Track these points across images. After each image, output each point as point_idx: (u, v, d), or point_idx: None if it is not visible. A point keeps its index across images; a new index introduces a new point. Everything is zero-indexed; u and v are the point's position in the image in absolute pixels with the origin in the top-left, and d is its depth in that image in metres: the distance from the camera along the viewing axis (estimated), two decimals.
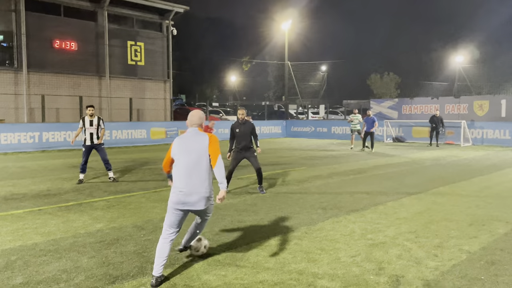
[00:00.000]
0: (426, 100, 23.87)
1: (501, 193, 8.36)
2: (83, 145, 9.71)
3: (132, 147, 19.31)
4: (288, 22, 30.01)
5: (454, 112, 21.74)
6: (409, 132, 22.42)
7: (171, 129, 22.00)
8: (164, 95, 25.78)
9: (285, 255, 4.84)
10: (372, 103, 27.12)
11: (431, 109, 22.58)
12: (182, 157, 4.19)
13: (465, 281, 4.12)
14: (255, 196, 8.24)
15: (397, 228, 5.93)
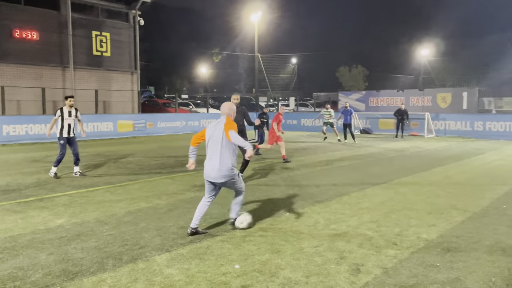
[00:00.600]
0: (392, 92, 24.44)
1: (460, 183, 8.68)
2: (60, 138, 9.27)
3: (98, 140, 18.85)
4: (258, 13, 29.91)
5: (419, 104, 22.37)
6: (376, 124, 22.91)
7: (139, 122, 21.62)
8: (132, 86, 25.26)
9: (250, 247, 4.86)
10: (341, 95, 27.53)
11: (397, 101, 23.14)
12: (208, 139, 5.20)
13: (422, 268, 4.26)
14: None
15: (360, 218, 6.07)
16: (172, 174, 9.84)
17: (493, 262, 4.39)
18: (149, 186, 8.51)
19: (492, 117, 20.29)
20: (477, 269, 4.22)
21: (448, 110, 21.50)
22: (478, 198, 7.20)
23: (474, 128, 19.56)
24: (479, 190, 7.92)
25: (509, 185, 8.36)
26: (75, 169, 9.66)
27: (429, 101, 22.24)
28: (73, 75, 22.52)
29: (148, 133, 21.71)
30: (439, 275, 4.08)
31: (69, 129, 9.33)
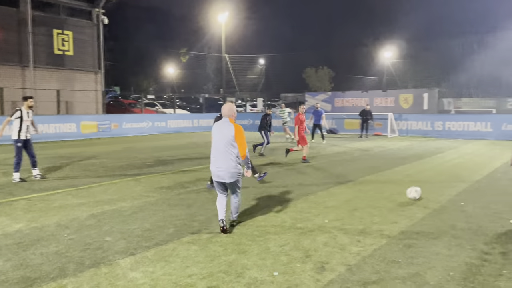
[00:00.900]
0: (357, 93, 24.98)
1: (421, 180, 8.98)
2: (17, 140, 8.84)
3: (60, 142, 18.26)
4: (225, 14, 29.85)
5: (382, 105, 22.98)
6: (341, 124, 23.35)
7: (104, 123, 21.09)
8: (96, 86, 24.61)
9: (216, 248, 4.85)
10: (307, 96, 27.88)
11: (362, 102, 23.67)
12: (214, 141, 5.34)
13: (384, 264, 4.38)
14: (190, 190, 8.15)
15: (325, 216, 6.17)
16: (137, 176, 9.66)
17: (451, 256, 4.57)
18: (114, 188, 8.32)
19: (451, 117, 21.12)
20: (436, 264, 4.38)
21: (410, 110, 22.20)
22: (438, 195, 7.47)
23: (435, 128, 20.30)
24: (439, 187, 8.22)
25: (467, 182, 8.73)
26: (34, 172, 9.29)
27: (392, 102, 22.90)
28: (33, 75, 21.69)
29: (113, 134, 21.22)
30: (400, 270, 4.21)
31: (27, 131, 8.99)
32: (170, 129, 24.44)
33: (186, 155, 13.64)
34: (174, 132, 24.38)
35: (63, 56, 23.17)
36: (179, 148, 16.07)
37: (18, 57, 21.35)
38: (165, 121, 24.55)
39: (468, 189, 8.07)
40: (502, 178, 9.18)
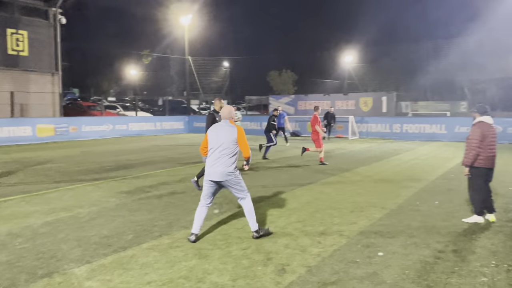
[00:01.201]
0: (319, 96, 25.44)
1: (379, 181, 9.25)
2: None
3: (14, 146, 17.46)
4: (188, 16, 29.60)
5: (343, 108, 23.50)
6: (305, 127, 23.67)
7: (61, 126, 20.35)
8: (52, 88, 23.71)
9: (177, 254, 4.78)
10: (271, 99, 28.10)
11: (324, 105, 24.11)
12: (215, 143, 5.17)
13: (343, 264, 4.47)
14: (151, 194, 8.00)
15: (287, 219, 6.22)
16: (96, 181, 9.37)
17: (406, 255, 4.72)
18: (70, 194, 8.03)
19: (408, 120, 21.90)
20: (392, 263, 4.51)
21: (369, 113, 22.83)
22: (395, 196, 7.72)
23: (393, 130, 20.97)
24: (396, 188, 8.49)
25: (422, 182, 9.06)
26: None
27: (353, 105, 23.47)
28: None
29: (72, 137, 20.52)
30: (358, 270, 4.31)
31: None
32: (131, 132, 23.92)
33: (148, 159, 13.39)
34: (136, 135, 23.88)
35: (18, 56, 22.19)
36: (140, 151, 15.75)
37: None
38: (126, 124, 24.01)
39: (423, 189, 8.38)
40: (455, 178, 9.59)
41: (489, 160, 5.87)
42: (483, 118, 5.97)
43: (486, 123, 5.92)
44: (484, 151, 5.84)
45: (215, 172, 5.12)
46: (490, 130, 5.88)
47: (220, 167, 5.10)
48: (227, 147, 5.13)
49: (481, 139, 5.82)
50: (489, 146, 5.84)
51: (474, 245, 5.04)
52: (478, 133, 5.84)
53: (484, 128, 5.87)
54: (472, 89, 44.85)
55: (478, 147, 5.83)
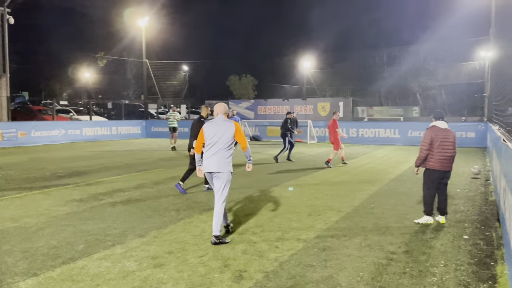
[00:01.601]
0: (279, 101, 25.70)
1: (336, 185, 9.43)
2: None
3: None
4: (145, 19, 29.06)
5: (302, 112, 23.85)
6: (264, 131, 23.83)
7: (9, 131, 19.29)
8: (0, 91, 22.49)
9: (130, 263, 4.62)
10: (231, 103, 28.04)
11: (283, 110, 24.37)
12: (212, 138, 5.35)
13: (300, 268, 4.49)
14: (105, 202, 7.72)
15: (245, 224, 6.19)
16: (45, 189, 8.94)
17: (361, 258, 4.82)
18: (18, 203, 7.61)
19: (364, 125, 22.55)
20: (348, 265, 4.58)
21: (327, 118, 23.29)
22: (351, 199, 7.89)
23: (350, 135, 21.49)
24: (352, 191, 8.69)
25: (377, 185, 9.32)
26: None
27: (311, 110, 23.88)
28: None
29: (20, 143, 19.51)
30: (314, 274, 4.34)
31: None
32: (85, 137, 23.09)
33: (102, 165, 12.95)
34: (90, 141, 23.07)
35: None
36: (95, 157, 15.22)
37: None
38: (80, 128, 23.14)
39: (377, 192, 8.62)
40: (407, 181, 9.95)
41: (440, 162, 6.14)
42: (436, 123, 6.30)
43: (438, 128, 6.22)
44: (435, 154, 6.13)
45: (211, 164, 5.35)
46: (441, 134, 6.16)
47: (218, 159, 5.33)
48: (225, 141, 5.35)
49: (430, 142, 6.15)
50: (440, 149, 6.12)
51: (425, 246, 5.22)
52: (428, 136, 6.19)
53: (434, 132, 6.17)
54: (423, 95, 46.92)
55: (426, 150, 6.17)
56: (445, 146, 6.14)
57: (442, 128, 6.23)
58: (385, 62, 42.20)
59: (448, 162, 6.19)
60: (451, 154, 6.16)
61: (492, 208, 7.16)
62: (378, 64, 42.35)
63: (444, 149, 6.14)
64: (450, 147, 6.16)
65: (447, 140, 6.15)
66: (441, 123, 6.28)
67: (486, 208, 7.22)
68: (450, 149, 6.15)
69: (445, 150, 6.14)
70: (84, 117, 28.91)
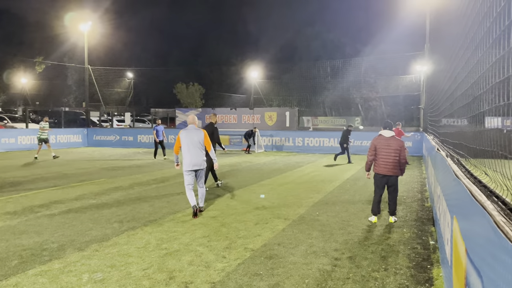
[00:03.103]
0: (226, 110, 25.72)
1: (283, 193, 9.56)
2: None
3: None
4: (88, 23, 28.04)
5: (249, 121, 24.03)
6: None
7: None
8: None
9: (69, 279, 4.38)
10: (178, 112, 27.68)
11: (231, 119, 24.43)
12: (187, 143, 7.07)
13: (247, 278, 4.48)
14: (41, 214, 7.28)
15: (192, 234, 6.10)
16: None
17: (307, 265, 4.90)
18: None
19: (309, 134, 23.12)
20: (294, 273, 4.64)
21: (274, 127, 23.66)
22: (297, 207, 8.03)
23: (296, 144, 21.97)
24: (298, 199, 8.85)
25: (322, 193, 9.57)
26: None
27: (258, 119, 24.13)
28: None
29: None
30: (261, 283, 4.35)
31: None
32: (21, 146, 21.71)
33: (39, 175, 12.23)
34: (27, 150, 21.72)
35: None
36: (31, 167, 14.34)
37: None
38: (15, 137, 21.74)
39: (322, 199, 8.84)
40: (350, 189, 10.31)
41: (382, 167, 6.76)
42: (382, 132, 6.95)
43: (382, 136, 6.87)
44: (379, 160, 6.80)
45: (195, 163, 7.07)
46: (384, 141, 6.78)
47: (198, 159, 7.10)
48: (198, 144, 7.10)
49: (374, 149, 6.82)
50: (382, 155, 6.74)
51: (367, 251, 5.42)
52: (372, 144, 6.88)
53: (377, 140, 6.85)
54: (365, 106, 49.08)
55: (371, 155, 6.86)
56: (388, 152, 6.71)
57: (387, 136, 6.83)
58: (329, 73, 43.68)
59: (391, 167, 6.74)
60: (392, 160, 6.72)
61: (428, 214, 7.59)
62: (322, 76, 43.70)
63: (386, 155, 6.72)
64: (392, 153, 6.71)
65: (389, 148, 6.73)
66: (386, 132, 6.91)
67: (422, 213, 7.65)
68: (392, 155, 6.70)
69: (387, 156, 6.72)
70: (20, 124, 27.20)
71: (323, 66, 42.64)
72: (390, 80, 43.45)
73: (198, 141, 7.10)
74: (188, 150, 7.04)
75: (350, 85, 44.25)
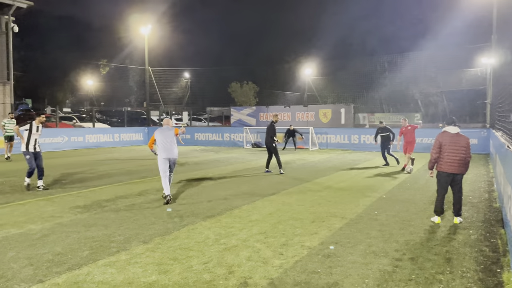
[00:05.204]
0: (280, 108, 25.76)
1: (339, 192, 9.42)
2: (25, 152, 9.47)
3: None
4: (148, 26, 29.24)
5: (303, 119, 23.89)
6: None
7: None
8: (3, 99, 22.57)
9: (135, 270, 4.62)
10: (233, 110, 28.15)
11: (285, 116, 24.42)
12: (162, 139, 8.36)
13: (305, 275, 4.48)
14: (108, 209, 7.73)
15: (249, 231, 6.19)
16: (49, 196, 8.96)
17: (366, 264, 4.81)
18: (21, 209, 7.62)
19: (365, 131, 22.54)
20: (352, 272, 4.57)
21: (328, 124, 23.34)
22: (354, 206, 7.88)
23: (351, 141, 21.51)
24: (355, 198, 8.68)
25: (380, 192, 9.31)
26: (38, 183, 9.64)
27: (313, 117, 23.92)
28: None
29: None
30: (319, 281, 4.33)
31: (35, 144, 9.53)
32: (88, 144, 23.15)
33: (104, 172, 12.98)
34: (93, 147, 23.12)
35: None
36: (97, 164, 15.25)
37: None
38: (83, 135, 23.21)
39: (381, 198, 8.61)
40: (410, 188, 9.94)
41: (448, 165, 6.46)
42: (447, 128, 6.63)
43: (448, 133, 6.56)
44: (444, 157, 6.48)
45: (172, 153, 8.39)
46: (450, 138, 6.48)
47: (174, 150, 8.46)
48: (172, 139, 8.44)
49: (439, 146, 6.52)
50: (448, 152, 6.44)
51: (430, 253, 5.21)
52: (437, 141, 6.58)
53: (442, 137, 6.54)
54: (425, 102, 46.96)
55: (435, 153, 6.56)
56: (454, 150, 6.42)
57: (453, 133, 6.54)
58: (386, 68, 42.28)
59: (457, 165, 6.45)
60: (460, 158, 6.42)
61: (497, 215, 7.14)
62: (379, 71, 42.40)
63: (453, 152, 6.43)
64: (459, 151, 6.42)
65: (456, 144, 6.44)
66: (452, 128, 6.60)
67: (490, 214, 7.21)
68: (458, 152, 6.42)
69: (454, 153, 6.43)
70: (87, 124, 29.01)
71: (380, 61, 41.35)
72: (452, 74, 41.24)
73: (172, 136, 8.55)
74: (164, 144, 8.35)
75: (408, 80, 42.47)
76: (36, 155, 9.60)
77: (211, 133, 25.65)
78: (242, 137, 23.71)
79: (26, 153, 9.47)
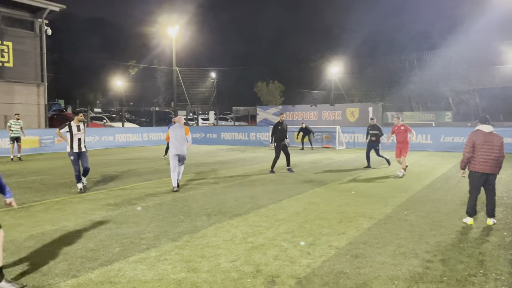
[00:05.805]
0: (306, 107, 25.64)
1: (366, 192, 9.30)
2: (70, 153, 9.26)
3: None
4: (175, 28, 29.67)
5: (330, 118, 23.70)
6: (292, 137, 23.73)
7: (46, 138, 20.06)
8: (38, 100, 23.41)
9: (165, 266, 4.71)
10: (259, 109, 28.21)
11: (311, 115, 24.29)
12: (174, 135, 9.33)
13: (333, 275, 4.46)
14: (138, 206, 7.90)
15: (276, 229, 6.20)
16: (82, 193, 9.24)
17: (395, 265, 4.73)
18: (56, 206, 7.89)
19: None
20: (381, 273, 4.51)
21: (356, 123, 23.06)
22: (383, 206, 7.76)
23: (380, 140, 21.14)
24: (384, 198, 8.54)
25: (409, 192, 9.14)
26: (84, 182, 9.64)
27: (340, 115, 23.69)
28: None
29: (57, 149, 20.24)
30: (348, 281, 4.30)
31: (79, 144, 9.29)
32: (118, 144, 23.71)
33: (134, 170, 13.27)
34: (123, 147, 23.67)
35: (2, 67, 21.87)
36: (127, 163, 15.60)
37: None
38: (113, 135, 23.79)
39: (410, 199, 8.45)
40: (441, 188, 9.71)
41: (481, 165, 6.27)
42: (481, 127, 6.43)
43: (481, 131, 6.36)
44: (477, 157, 6.29)
45: (182, 150, 9.35)
46: (484, 137, 6.28)
47: (184, 147, 9.39)
48: (182, 136, 9.33)
49: (472, 145, 6.33)
50: (482, 152, 6.24)
51: (462, 255, 5.08)
52: (470, 140, 6.38)
53: (476, 136, 6.34)
54: (456, 100, 45.66)
55: (468, 152, 6.37)
56: (488, 149, 6.23)
57: (486, 131, 6.34)
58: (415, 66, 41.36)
59: (491, 165, 6.26)
60: (493, 157, 6.22)
61: None
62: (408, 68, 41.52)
63: (487, 152, 6.24)
64: (493, 150, 6.23)
65: (490, 144, 6.25)
66: (485, 127, 6.41)
67: None
68: (492, 152, 6.23)
69: (488, 153, 6.24)
70: (117, 124, 29.72)
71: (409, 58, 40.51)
72: (485, 71, 39.92)
73: (182, 133, 9.33)
74: (176, 140, 9.26)
75: (438, 78, 41.39)
76: (80, 155, 9.29)
77: (237, 132, 25.80)
78: (268, 136, 23.72)
79: (70, 153, 9.24)
